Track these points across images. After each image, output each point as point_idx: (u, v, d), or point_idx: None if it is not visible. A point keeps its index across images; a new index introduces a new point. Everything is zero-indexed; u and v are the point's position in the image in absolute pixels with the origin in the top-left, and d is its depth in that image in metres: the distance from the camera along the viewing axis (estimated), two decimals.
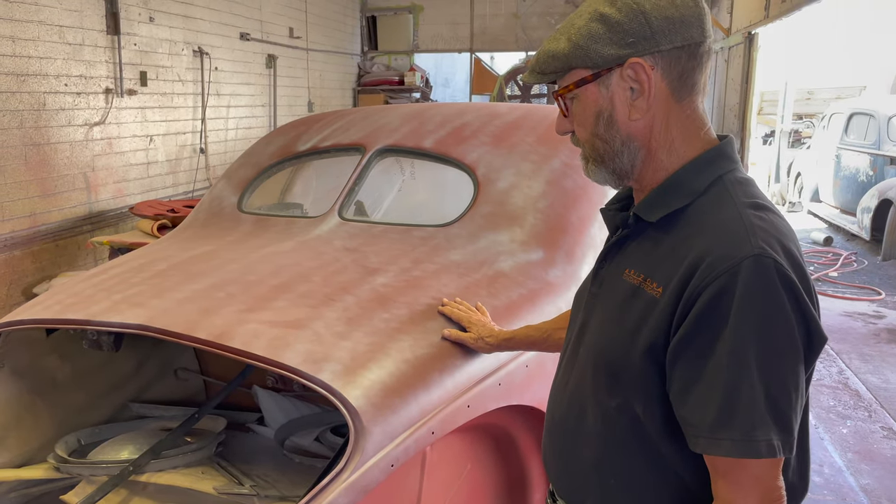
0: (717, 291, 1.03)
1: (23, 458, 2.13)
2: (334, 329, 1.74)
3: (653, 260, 1.16)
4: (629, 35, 1.11)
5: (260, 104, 7.88)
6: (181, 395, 2.62)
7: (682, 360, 1.07)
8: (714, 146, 1.18)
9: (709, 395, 1.04)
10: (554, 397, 1.35)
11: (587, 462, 1.24)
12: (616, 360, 1.16)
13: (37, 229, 4.81)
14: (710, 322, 1.04)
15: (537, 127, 2.55)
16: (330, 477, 1.43)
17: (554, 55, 1.17)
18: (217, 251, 2.33)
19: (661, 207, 1.17)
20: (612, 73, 1.14)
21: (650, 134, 1.16)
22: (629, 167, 1.19)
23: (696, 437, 1.06)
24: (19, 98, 4.60)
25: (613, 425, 1.18)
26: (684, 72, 1.14)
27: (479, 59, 11.07)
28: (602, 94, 1.16)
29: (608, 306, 1.21)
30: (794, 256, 1.06)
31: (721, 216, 1.11)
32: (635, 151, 1.17)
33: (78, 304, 1.97)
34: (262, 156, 2.86)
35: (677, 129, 1.17)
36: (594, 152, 1.20)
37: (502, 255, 2.17)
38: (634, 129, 1.16)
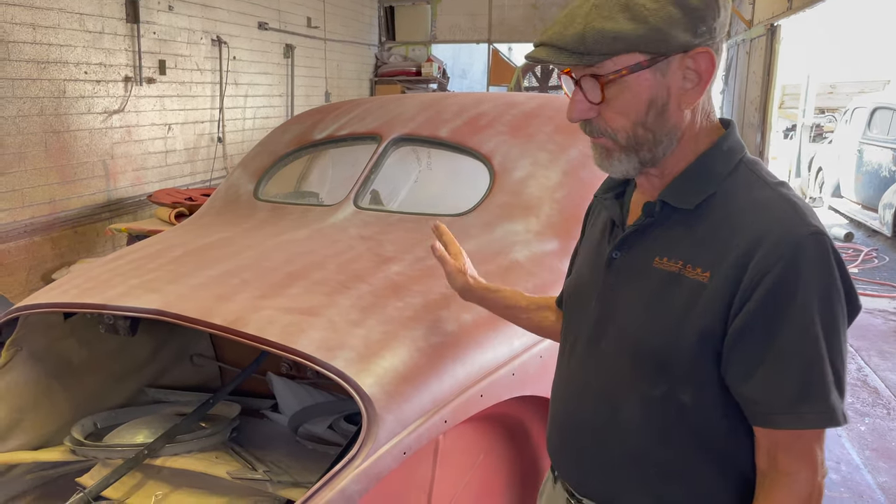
0: (782, 271, 1.04)
1: (40, 440, 2.15)
2: (348, 317, 1.74)
3: (690, 246, 1.14)
4: (703, 23, 1.08)
5: (277, 94, 7.89)
6: (196, 380, 2.64)
7: (746, 341, 1.07)
8: (726, 131, 1.19)
9: (784, 372, 1.06)
10: (569, 398, 1.31)
11: (621, 456, 1.22)
12: (661, 348, 1.14)
13: (56, 216, 4.85)
14: (776, 301, 1.05)
15: (555, 117, 2.52)
16: (342, 463, 1.43)
17: (614, 36, 1.07)
18: (233, 238, 2.33)
19: (694, 194, 1.16)
20: (672, 59, 1.09)
21: (687, 123, 1.15)
22: (660, 156, 1.16)
23: (771, 413, 1.08)
24: (39, 85, 4.63)
25: (657, 415, 1.17)
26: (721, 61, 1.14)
27: (496, 50, 11.02)
28: (658, 81, 1.10)
29: (639, 296, 1.18)
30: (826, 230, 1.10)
31: (758, 197, 1.12)
32: (674, 141, 1.15)
33: (95, 289, 1.98)
34: (279, 144, 2.86)
35: (702, 116, 1.17)
36: (632, 141, 1.15)
37: (517, 244, 2.16)
38: (682, 118, 1.14)
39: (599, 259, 1.27)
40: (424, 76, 10.55)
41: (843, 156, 9.44)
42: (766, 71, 8.53)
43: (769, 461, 1.11)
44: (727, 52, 10.69)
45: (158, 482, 1.91)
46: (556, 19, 1.15)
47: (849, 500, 3.17)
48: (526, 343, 1.85)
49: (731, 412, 1.13)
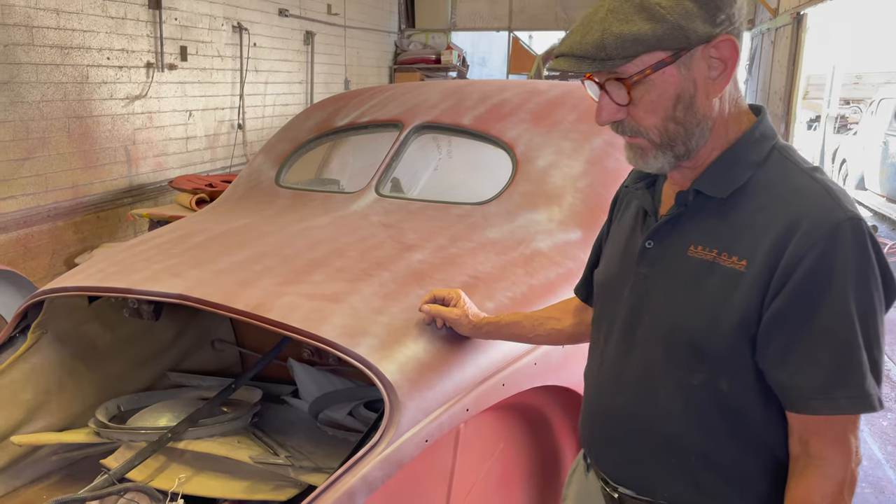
0: (818, 256, 1.05)
1: (64, 422, 2.18)
2: (371, 304, 1.74)
3: (725, 234, 1.14)
4: (720, 11, 1.08)
5: (297, 81, 7.89)
6: (217, 365, 2.65)
7: (781, 326, 1.08)
8: (758, 118, 1.19)
9: (818, 357, 1.07)
10: (604, 386, 1.31)
11: (659, 444, 1.22)
12: (698, 336, 1.15)
13: (79, 201, 4.90)
14: (813, 287, 1.05)
15: (579, 105, 2.50)
16: (365, 450, 1.44)
17: (634, 38, 1.07)
18: (255, 224, 2.34)
19: (728, 182, 1.15)
20: (694, 52, 1.09)
21: (717, 111, 1.15)
22: (694, 148, 1.16)
23: (804, 398, 1.08)
24: (63, 71, 4.67)
25: (694, 402, 1.18)
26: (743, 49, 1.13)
27: (517, 38, 10.94)
28: (683, 75, 1.10)
29: (673, 284, 1.19)
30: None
31: (795, 184, 1.12)
32: (706, 131, 1.15)
33: (119, 273, 2.00)
34: (301, 130, 2.86)
35: (731, 103, 1.17)
36: (665, 137, 1.14)
37: (540, 234, 2.15)
38: (711, 108, 1.14)
39: (631, 249, 1.27)
40: (444, 64, 10.50)
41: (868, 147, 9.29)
42: (791, 60, 8.40)
43: (802, 446, 1.12)
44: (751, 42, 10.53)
45: (181, 465, 1.93)
46: (573, 28, 1.14)
47: (871, 496, 3.13)
48: None
49: (765, 398, 1.14)
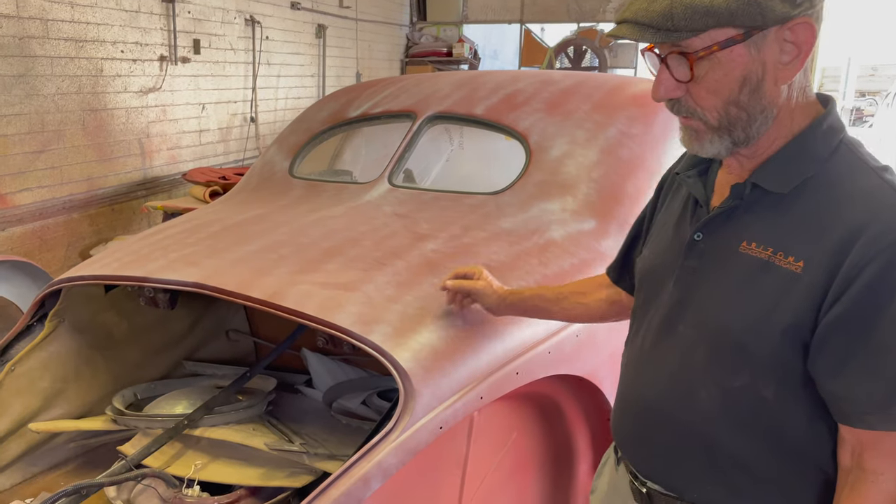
0: (884, 265, 0.99)
1: (82, 409, 2.20)
2: (385, 292, 1.75)
3: (782, 233, 1.08)
4: None
5: (309, 74, 7.90)
6: (232, 355, 2.67)
7: (839, 334, 1.03)
8: (826, 109, 1.11)
9: (878, 370, 1.01)
10: (640, 379, 1.28)
11: (693, 444, 1.19)
12: (745, 339, 1.10)
13: (94, 193, 4.93)
14: (875, 295, 1.00)
15: (593, 94, 2.49)
16: (380, 436, 1.44)
17: (705, 10, 1.00)
18: (269, 215, 2.35)
19: (791, 176, 1.09)
20: (768, 32, 1.02)
21: (783, 100, 1.08)
22: (754, 136, 1.09)
23: (860, 413, 1.03)
24: (77, 64, 4.70)
25: (734, 405, 1.13)
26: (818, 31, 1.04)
27: (529, 31, 10.90)
28: (752, 56, 1.03)
29: (723, 282, 1.14)
30: None
31: (862, 183, 1.05)
32: (769, 119, 1.08)
33: (135, 262, 2.02)
34: (314, 122, 2.87)
35: (798, 93, 1.09)
36: (725, 121, 1.08)
37: (554, 223, 2.14)
38: (778, 94, 1.07)
39: (679, 239, 1.22)
40: (455, 57, 10.48)
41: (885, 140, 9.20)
42: None
43: (854, 459, 1.07)
44: None
45: (197, 452, 1.95)
46: None
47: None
48: (563, 322, 1.83)
49: (812, 410, 1.09)
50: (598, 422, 2.08)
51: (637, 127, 2.35)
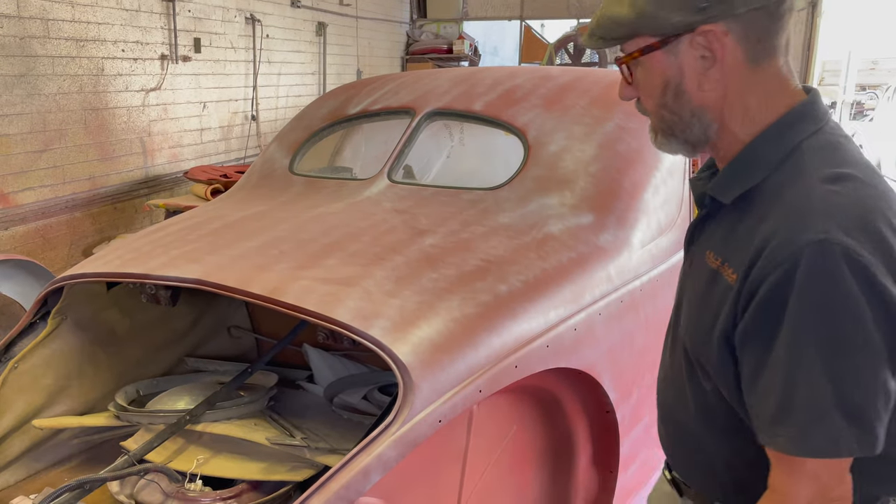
0: (776, 281, 0.97)
1: (85, 406, 2.22)
2: (384, 287, 1.76)
3: (730, 243, 1.09)
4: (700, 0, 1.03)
5: (310, 72, 7.91)
6: (234, 351, 2.69)
7: (747, 350, 1.03)
8: (791, 108, 1.08)
9: (769, 388, 1.00)
10: (661, 379, 1.37)
11: (689, 441, 1.25)
12: (701, 345, 1.13)
13: (96, 192, 4.95)
14: (768, 314, 0.99)
15: (591, 89, 2.50)
16: (379, 430, 1.46)
17: (617, 21, 1.07)
18: (269, 211, 2.37)
19: (735, 186, 1.10)
20: (682, 39, 1.05)
21: (724, 104, 1.09)
22: (703, 138, 1.12)
23: (758, 427, 1.04)
24: (79, 63, 4.71)
25: (712, 409, 1.17)
26: (763, 35, 1.04)
27: (528, 27, 10.89)
28: (670, 62, 1.08)
29: (695, 288, 1.18)
30: (878, 235, 0.95)
31: (792, 193, 1.02)
32: (707, 123, 1.10)
33: (137, 259, 2.03)
34: (314, 119, 2.88)
35: (754, 95, 1.08)
36: (662, 123, 1.13)
37: (552, 218, 2.15)
38: (706, 99, 1.09)
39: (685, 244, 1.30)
40: (456, 54, 10.48)
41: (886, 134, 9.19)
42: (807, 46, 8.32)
43: (770, 476, 1.06)
44: None
45: (199, 447, 1.96)
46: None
47: None
48: (561, 315, 1.85)
49: None
50: (597, 415, 2.10)
51: (634, 122, 2.36)
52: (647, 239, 2.25)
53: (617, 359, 2.05)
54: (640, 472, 2.41)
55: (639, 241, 2.21)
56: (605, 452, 2.17)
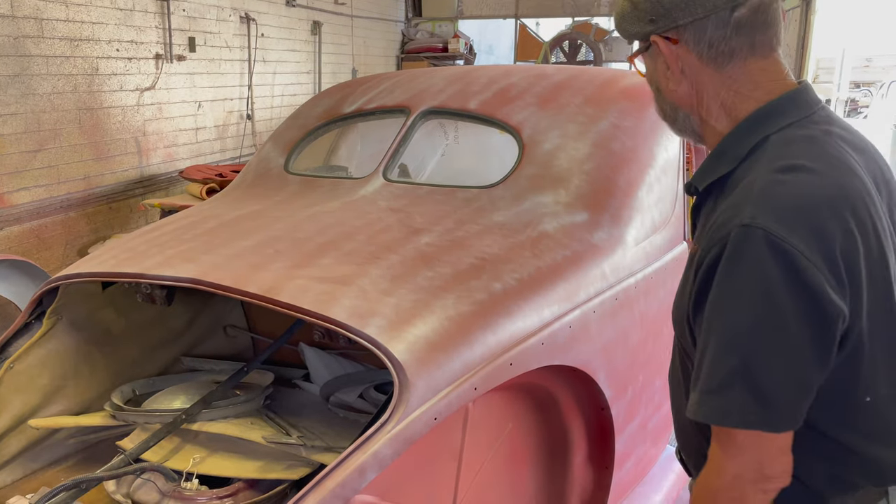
0: (710, 261, 1.06)
1: (81, 406, 2.22)
2: (379, 286, 1.76)
3: (701, 230, 1.19)
4: (647, 13, 1.16)
5: (305, 71, 7.91)
6: (230, 351, 2.69)
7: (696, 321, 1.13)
8: (762, 105, 1.15)
9: (700, 362, 1.08)
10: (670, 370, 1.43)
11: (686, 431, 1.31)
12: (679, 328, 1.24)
13: (91, 191, 4.94)
14: (704, 292, 1.08)
15: (585, 88, 2.51)
16: (375, 427, 1.46)
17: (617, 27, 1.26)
18: (265, 210, 2.37)
19: (708, 175, 1.19)
20: (654, 46, 1.20)
21: (696, 102, 1.20)
22: (690, 131, 1.25)
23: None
24: (73, 63, 4.70)
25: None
26: (714, 40, 1.14)
27: (524, 26, 10.90)
28: (650, 65, 1.25)
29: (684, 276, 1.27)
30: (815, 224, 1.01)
31: (745, 182, 1.10)
32: (686, 118, 1.23)
33: (132, 259, 2.03)
34: (309, 118, 2.88)
35: (728, 93, 1.17)
36: (660, 113, 1.30)
37: (547, 216, 2.16)
38: (677, 97, 1.22)
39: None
40: (451, 52, 10.48)
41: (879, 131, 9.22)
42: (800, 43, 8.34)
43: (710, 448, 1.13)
44: None
45: (196, 446, 1.96)
46: None
47: None
48: (556, 312, 1.86)
49: None
50: (593, 412, 2.10)
51: (629, 120, 2.37)
52: (641, 237, 2.26)
53: (611, 356, 2.06)
54: (636, 468, 2.42)
55: (633, 239, 2.22)
56: (601, 449, 2.18)
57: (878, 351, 1.08)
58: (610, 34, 10.50)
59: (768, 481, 1.06)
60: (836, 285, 1.00)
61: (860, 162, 1.12)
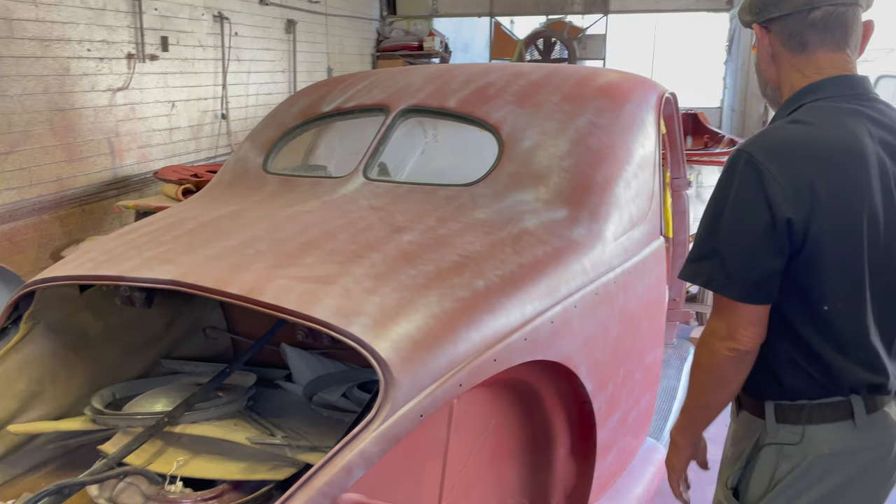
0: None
1: (59, 411, 2.19)
2: (362, 285, 1.77)
3: None
4: (755, 7, 1.55)
5: (280, 70, 7.86)
6: (210, 353, 2.67)
7: None
8: (808, 84, 1.49)
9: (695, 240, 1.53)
10: None
11: None
12: None
13: (63, 194, 4.87)
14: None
15: (562, 85, 2.53)
16: (361, 426, 1.47)
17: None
18: (244, 210, 2.35)
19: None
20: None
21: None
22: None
23: None
24: (43, 63, 4.63)
25: None
26: (793, 32, 1.50)
27: (499, 24, 10.93)
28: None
29: None
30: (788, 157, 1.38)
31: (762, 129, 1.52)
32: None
33: (110, 261, 2.01)
34: (287, 117, 2.87)
35: (796, 74, 1.52)
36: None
37: (527, 213, 2.18)
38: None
39: None
40: (426, 51, 10.47)
41: None
42: None
43: None
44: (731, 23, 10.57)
45: (179, 449, 1.95)
46: None
47: None
48: (538, 308, 1.87)
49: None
50: (575, 406, 2.13)
51: (605, 117, 2.39)
52: (619, 232, 2.29)
53: (592, 350, 2.09)
54: (617, 460, 2.45)
55: (612, 235, 2.25)
56: (583, 443, 2.20)
57: (834, 270, 1.39)
58: (583, 32, 10.56)
59: (733, 341, 1.43)
60: (793, 199, 1.36)
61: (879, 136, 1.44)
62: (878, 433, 1.46)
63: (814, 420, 1.46)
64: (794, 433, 1.48)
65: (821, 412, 1.46)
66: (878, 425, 1.46)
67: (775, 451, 1.50)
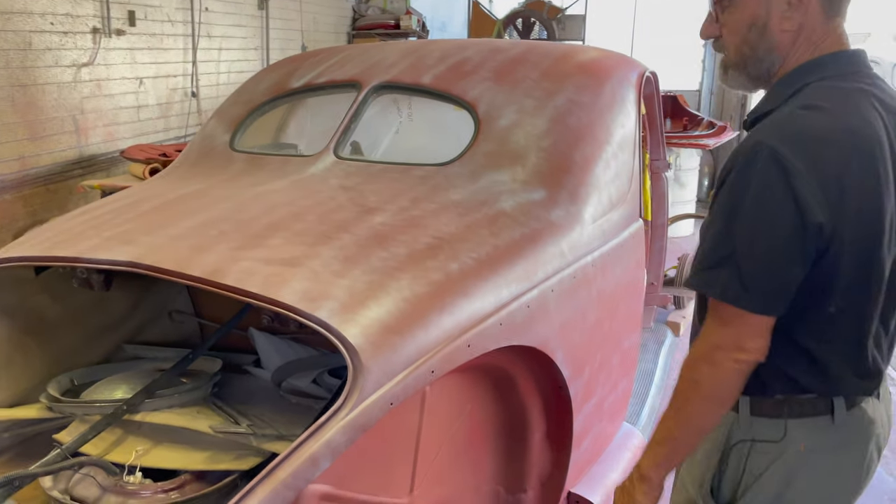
0: (725, 174, 1.28)
1: (15, 398, 2.10)
2: (331, 267, 1.69)
3: None
4: None
5: (252, 47, 7.67)
6: (176, 337, 2.58)
7: None
8: (812, 59, 1.32)
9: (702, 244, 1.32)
10: None
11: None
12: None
13: (26, 173, 4.71)
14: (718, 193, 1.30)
15: (541, 62, 2.45)
16: (328, 415, 1.40)
17: None
18: (209, 189, 2.26)
19: (757, 111, 1.36)
20: None
21: (792, 46, 1.33)
22: (766, 74, 1.37)
23: None
24: (4, 37, 4.45)
25: None
26: None
27: (477, 3, 10.80)
28: (761, 3, 1.32)
29: None
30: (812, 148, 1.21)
31: (773, 115, 1.29)
32: (775, 60, 1.35)
33: (67, 242, 1.91)
34: (255, 93, 2.76)
35: (810, 46, 1.32)
36: (739, 57, 1.38)
37: (503, 194, 2.11)
38: (781, 39, 1.33)
39: None
40: (403, 29, 10.31)
41: None
42: None
43: None
44: None
45: (139, 438, 1.87)
46: None
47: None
48: (514, 292, 1.81)
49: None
50: (551, 392, 2.08)
51: (586, 95, 2.33)
52: (598, 214, 2.23)
53: (570, 335, 2.03)
54: (593, 446, 2.42)
55: (590, 217, 2.19)
56: (559, 428, 2.16)
57: (852, 272, 1.26)
58: (563, 12, 10.47)
59: (742, 352, 1.28)
60: (823, 200, 1.19)
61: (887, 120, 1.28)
62: (855, 429, 1.40)
63: (793, 415, 1.37)
64: (771, 427, 1.39)
65: (800, 407, 1.37)
66: (857, 422, 1.39)
67: (749, 447, 1.41)
